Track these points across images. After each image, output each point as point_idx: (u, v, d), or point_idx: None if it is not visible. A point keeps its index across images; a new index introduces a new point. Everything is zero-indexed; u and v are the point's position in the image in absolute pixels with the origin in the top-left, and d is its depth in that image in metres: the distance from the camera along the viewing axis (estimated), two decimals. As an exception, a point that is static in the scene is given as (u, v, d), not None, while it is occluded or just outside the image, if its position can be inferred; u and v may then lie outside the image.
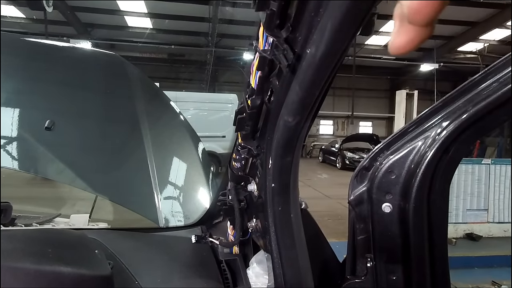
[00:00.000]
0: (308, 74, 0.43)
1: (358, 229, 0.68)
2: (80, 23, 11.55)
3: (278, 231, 0.64)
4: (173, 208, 1.29)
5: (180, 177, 1.41)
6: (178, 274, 0.82)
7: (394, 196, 0.64)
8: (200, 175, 1.42)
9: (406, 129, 0.67)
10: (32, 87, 1.34)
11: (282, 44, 0.44)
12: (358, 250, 0.69)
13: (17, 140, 1.29)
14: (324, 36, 0.39)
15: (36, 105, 1.32)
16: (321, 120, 17.99)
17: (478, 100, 0.61)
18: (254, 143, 0.66)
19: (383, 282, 0.66)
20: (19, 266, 0.50)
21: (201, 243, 0.94)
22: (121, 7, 10.43)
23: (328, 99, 16.85)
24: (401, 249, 0.65)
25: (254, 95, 0.57)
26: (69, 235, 0.77)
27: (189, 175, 1.43)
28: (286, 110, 0.50)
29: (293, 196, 0.62)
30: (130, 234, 1.01)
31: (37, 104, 1.33)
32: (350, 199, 0.68)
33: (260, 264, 0.80)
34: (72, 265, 0.54)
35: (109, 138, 1.37)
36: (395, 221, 0.64)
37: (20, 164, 1.29)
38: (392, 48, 0.29)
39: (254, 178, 0.75)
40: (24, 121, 1.28)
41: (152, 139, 1.30)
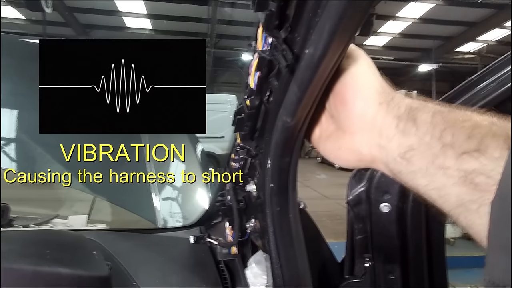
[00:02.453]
0: (306, 74, 0.43)
1: (357, 229, 0.68)
2: (78, 24, 11.53)
3: (276, 231, 0.64)
4: (171, 208, 1.29)
5: (178, 176, 1.41)
6: (176, 275, 0.82)
7: (392, 196, 0.65)
8: (198, 175, 1.41)
9: (404, 130, 0.67)
10: (31, 88, 1.33)
11: (281, 44, 0.44)
12: (356, 250, 0.69)
13: (16, 141, 1.29)
14: (323, 36, 0.39)
15: (34, 107, 1.32)
16: (320, 120, 17.97)
17: (476, 100, 0.61)
18: (253, 143, 0.67)
19: (381, 282, 0.66)
20: (16, 268, 0.50)
21: (200, 243, 0.94)
22: (120, 8, 10.42)
23: (326, 99, 16.91)
24: (400, 249, 0.65)
25: (253, 95, 0.57)
26: (67, 236, 0.77)
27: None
28: (285, 110, 0.50)
29: (292, 196, 0.62)
30: (128, 235, 1.01)
31: (35, 105, 1.33)
32: (349, 199, 0.68)
33: (258, 265, 0.80)
34: (70, 266, 0.54)
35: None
36: (394, 221, 0.65)
37: (18, 166, 1.29)
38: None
39: (253, 179, 0.75)
40: (23, 122, 1.28)
41: (150, 139, 1.30)
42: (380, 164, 0.41)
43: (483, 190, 0.29)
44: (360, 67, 0.44)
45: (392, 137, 0.38)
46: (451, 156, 0.32)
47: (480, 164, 0.30)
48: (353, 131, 0.43)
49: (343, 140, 0.45)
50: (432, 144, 0.34)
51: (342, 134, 0.45)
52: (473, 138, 0.31)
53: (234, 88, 14.02)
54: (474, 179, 0.30)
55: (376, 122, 0.40)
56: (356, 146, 0.43)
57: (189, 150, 1.50)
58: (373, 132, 0.40)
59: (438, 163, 0.33)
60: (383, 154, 0.39)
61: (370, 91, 0.42)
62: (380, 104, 0.41)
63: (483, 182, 0.29)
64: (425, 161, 0.34)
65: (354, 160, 0.44)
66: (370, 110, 0.41)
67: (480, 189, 0.29)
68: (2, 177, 0.92)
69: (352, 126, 0.43)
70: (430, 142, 0.34)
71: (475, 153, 0.30)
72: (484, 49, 12.79)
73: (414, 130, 0.36)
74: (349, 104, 0.43)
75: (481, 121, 0.33)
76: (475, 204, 0.30)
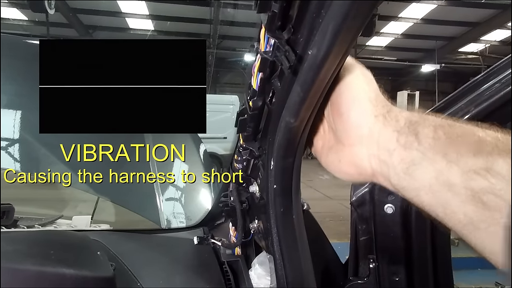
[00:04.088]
0: (309, 75, 0.43)
1: (361, 230, 0.68)
2: (82, 25, 11.59)
3: (280, 232, 0.64)
4: (175, 209, 1.29)
5: (181, 177, 1.41)
6: (180, 275, 0.82)
7: (396, 197, 0.64)
8: (201, 176, 1.42)
9: (408, 130, 0.66)
10: (33, 89, 1.34)
11: (283, 45, 0.44)
12: (360, 251, 0.69)
13: (18, 141, 1.29)
14: (326, 37, 0.39)
15: (37, 107, 1.32)
16: (323, 121, 17.94)
17: (480, 101, 0.61)
18: (255, 144, 0.67)
19: (385, 283, 0.66)
20: (21, 268, 0.50)
21: (203, 244, 0.94)
22: (123, 9, 10.47)
23: (329, 100, 16.87)
24: (404, 250, 0.65)
25: (255, 96, 0.57)
26: (71, 236, 0.77)
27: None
28: (288, 111, 0.50)
29: (295, 197, 0.62)
30: (132, 236, 1.02)
31: (37, 105, 1.33)
32: (352, 200, 0.68)
33: (262, 265, 0.80)
34: (74, 266, 0.54)
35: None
36: (398, 222, 0.64)
37: (21, 166, 1.29)
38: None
39: (256, 180, 0.75)
40: (26, 122, 1.28)
41: (153, 140, 1.30)
42: (381, 178, 0.40)
43: (492, 210, 0.28)
44: (355, 78, 0.44)
45: (393, 151, 0.37)
46: (457, 173, 0.31)
47: (488, 182, 0.29)
48: (350, 143, 0.43)
49: (343, 153, 0.44)
50: (436, 160, 0.33)
51: (342, 147, 0.44)
52: (478, 155, 0.30)
53: (236, 89, 14.02)
54: (482, 197, 0.29)
55: (374, 135, 0.40)
56: (355, 159, 0.42)
57: (192, 150, 1.50)
58: (371, 145, 0.40)
59: (442, 180, 0.32)
60: (384, 168, 0.38)
61: (364, 102, 0.42)
62: (376, 116, 0.40)
63: (491, 201, 0.28)
64: (428, 177, 0.33)
65: (354, 174, 0.43)
66: (365, 122, 0.41)
67: (489, 208, 0.29)
68: (2, 177, 0.92)
69: (349, 138, 0.43)
70: (434, 157, 0.33)
71: (482, 171, 0.30)
72: (487, 50, 12.72)
73: (416, 144, 0.35)
74: (344, 115, 0.43)
75: (485, 136, 0.32)
76: (484, 224, 0.29)
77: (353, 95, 0.43)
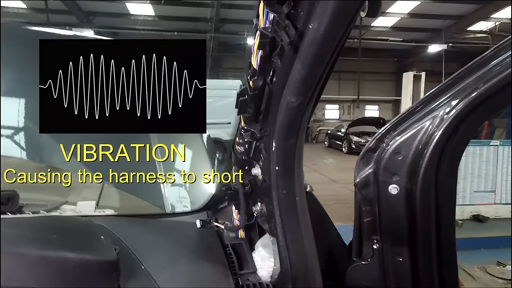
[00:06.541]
0: (310, 51, 0.41)
1: (365, 212, 0.67)
2: (81, 11, 11.45)
3: (283, 214, 0.63)
4: (179, 194, 1.29)
5: (185, 163, 1.41)
6: (184, 258, 0.83)
7: (401, 177, 0.63)
8: (205, 161, 1.41)
9: (413, 109, 0.65)
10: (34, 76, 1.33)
11: (283, 20, 0.42)
12: (364, 232, 0.68)
13: (22, 128, 1.29)
14: (328, 9, 0.37)
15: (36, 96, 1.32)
16: (327, 104, 17.82)
17: (489, 77, 0.58)
18: (257, 126, 0.65)
19: (389, 264, 0.66)
20: (23, 252, 0.50)
21: (206, 227, 0.94)
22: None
23: (333, 83, 16.69)
24: (408, 231, 0.64)
25: (256, 76, 0.55)
26: (75, 221, 0.77)
27: (194, 162, 1.43)
28: (289, 90, 0.48)
29: (297, 179, 0.61)
30: (136, 220, 1.02)
31: (37, 96, 1.33)
32: (356, 181, 0.67)
33: (265, 248, 0.81)
34: (77, 250, 0.55)
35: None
36: (402, 202, 0.63)
37: (26, 153, 1.30)
38: None
39: (258, 162, 0.75)
40: (27, 110, 1.28)
41: (158, 137, 1.29)
42: None
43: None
44: None
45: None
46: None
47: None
48: None
49: None
50: None
51: None
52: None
53: (239, 74, 13.90)
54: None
55: None
56: None
57: (196, 137, 1.49)
58: None
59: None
60: None
61: None
62: None
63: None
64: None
65: None
66: None
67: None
68: (2, 177, 0.93)
69: None
70: None
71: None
72: (497, 28, 12.38)
73: None
74: None
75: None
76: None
77: None
